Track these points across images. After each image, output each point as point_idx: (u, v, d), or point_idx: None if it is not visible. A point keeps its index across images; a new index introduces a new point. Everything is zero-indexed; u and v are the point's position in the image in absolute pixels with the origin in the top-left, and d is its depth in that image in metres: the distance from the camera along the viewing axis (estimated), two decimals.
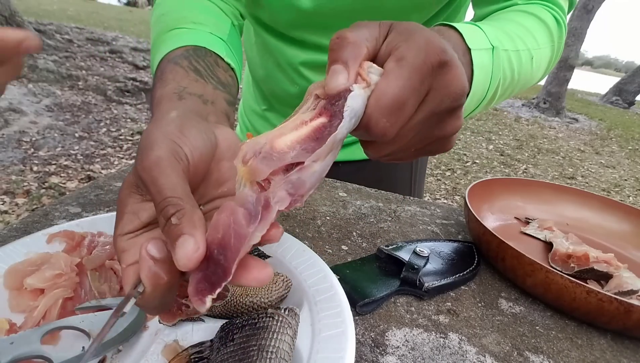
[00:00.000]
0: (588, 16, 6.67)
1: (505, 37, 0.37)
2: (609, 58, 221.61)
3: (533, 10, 0.44)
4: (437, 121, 0.25)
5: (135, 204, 0.25)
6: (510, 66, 0.37)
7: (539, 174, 3.77)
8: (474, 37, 0.33)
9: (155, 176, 0.22)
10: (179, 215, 0.21)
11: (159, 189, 0.22)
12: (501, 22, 0.41)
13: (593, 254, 0.51)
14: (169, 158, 0.23)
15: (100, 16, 11.02)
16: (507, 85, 0.38)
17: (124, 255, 0.24)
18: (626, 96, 9.36)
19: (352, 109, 0.21)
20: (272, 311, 0.31)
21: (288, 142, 0.20)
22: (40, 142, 2.55)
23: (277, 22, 0.60)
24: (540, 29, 0.42)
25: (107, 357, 0.30)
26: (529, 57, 0.39)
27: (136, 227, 0.25)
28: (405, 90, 0.21)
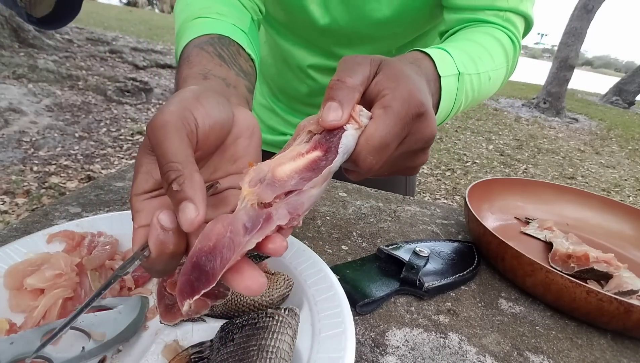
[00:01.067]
0: (588, 16, 6.67)
1: (469, 62, 0.42)
2: (609, 58, 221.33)
3: (492, 33, 0.48)
4: (409, 156, 0.30)
5: (149, 163, 0.26)
6: (471, 87, 0.42)
7: (539, 174, 3.77)
8: (444, 64, 0.37)
9: (160, 139, 0.23)
10: (179, 181, 0.22)
11: (162, 152, 0.23)
12: (466, 44, 0.45)
13: (593, 254, 0.51)
14: (176, 122, 0.24)
15: (100, 16, 11.02)
16: (467, 103, 0.44)
17: (137, 216, 0.25)
18: (626, 96, 9.36)
19: (346, 146, 0.25)
20: (272, 311, 0.31)
21: (288, 171, 0.24)
22: (40, 142, 2.55)
23: (290, 22, 0.62)
24: (498, 50, 0.47)
25: (107, 357, 0.30)
26: (487, 78, 0.45)
27: (151, 186, 0.25)
28: (390, 135, 0.26)
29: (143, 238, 0.24)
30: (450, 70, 0.38)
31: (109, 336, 0.30)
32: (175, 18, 0.48)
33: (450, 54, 0.39)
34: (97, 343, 0.29)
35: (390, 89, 0.27)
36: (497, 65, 0.47)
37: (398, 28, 0.58)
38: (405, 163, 0.31)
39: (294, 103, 0.75)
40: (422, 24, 0.59)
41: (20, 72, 3.68)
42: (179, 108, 0.25)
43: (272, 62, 0.72)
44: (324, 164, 0.24)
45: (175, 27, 0.46)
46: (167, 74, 5.05)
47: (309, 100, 0.72)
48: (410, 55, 0.37)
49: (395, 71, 0.28)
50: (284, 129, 0.79)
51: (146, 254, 0.23)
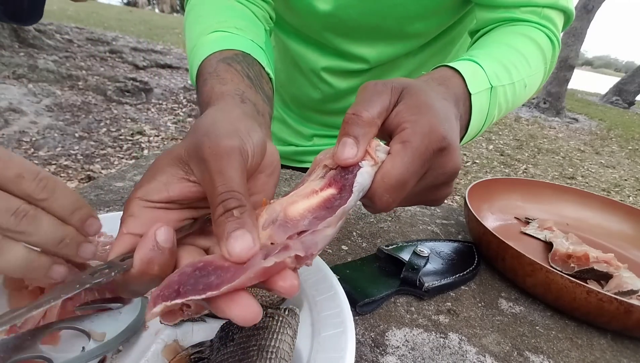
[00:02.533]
0: (588, 16, 6.67)
1: (502, 71, 0.39)
2: (609, 58, 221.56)
3: (529, 33, 0.46)
4: (431, 190, 0.28)
5: (172, 176, 0.24)
6: (505, 99, 0.40)
7: (539, 174, 3.77)
8: (476, 80, 0.35)
9: (225, 166, 0.22)
10: (241, 210, 0.21)
11: (225, 180, 0.22)
12: (500, 50, 0.43)
13: (593, 254, 0.51)
14: (239, 153, 0.23)
15: (100, 16, 11.02)
16: (501, 114, 0.42)
17: (130, 220, 0.23)
18: (626, 96, 9.36)
19: (361, 184, 0.23)
20: (272, 311, 0.31)
21: (301, 210, 0.23)
22: (40, 142, 2.55)
23: (301, 25, 0.60)
24: (535, 53, 0.45)
25: (107, 357, 0.30)
26: (523, 86, 0.42)
27: (161, 199, 0.24)
28: (408, 172, 0.24)
29: (127, 247, 0.22)
30: (481, 85, 0.36)
31: (109, 336, 0.30)
32: (185, 30, 0.45)
33: (482, 66, 0.37)
34: (97, 343, 0.29)
35: (410, 122, 0.25)
36: (534, 70, 0.44)
37: (419, 22, 0.55)
38: (427, 196, 0.29)
39: (306, 111, 0.72)
40: (446, 16, 0.56)
41: (20, 72, 3.68)
42: (239, 138, 0.24)
43: (283, 67, 0.69)
44: (339, 203, 0.23)
45: (188, 39, 0.44)
46: (167, 74, 5.05)
47: (322, 107, 0.69)
48: (438, 73, 0.35)
49: (418, 101, 0.26)
50: (294, 140, 0.77)
51: (125, 267, 0.21)
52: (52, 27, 5.88)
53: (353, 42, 0.58)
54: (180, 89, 4.43)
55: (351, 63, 0.61)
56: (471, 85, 0.34)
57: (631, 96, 9.30)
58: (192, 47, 0.41)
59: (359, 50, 0.59)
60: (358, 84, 0.63)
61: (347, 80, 0.63)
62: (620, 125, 6.97)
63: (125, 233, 0.23)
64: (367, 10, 0.53)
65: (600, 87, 14.87)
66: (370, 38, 0.57)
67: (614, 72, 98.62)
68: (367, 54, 0.59)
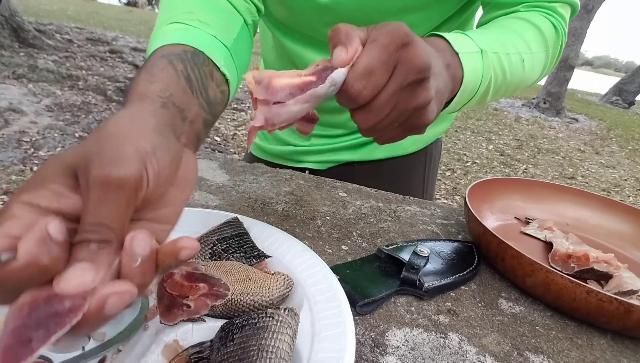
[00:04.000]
0: (588, 16, 6.66)
1: (493, 42, 0.41)
2: (609, 58, 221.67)
3: (528, 17, 0.47)
4: (409, 93, 0.30)
5: (65, 187, 0.21)
6: (500, 66, 0.41)
7: (539, 174, 3.77)
8: (461, 43, 0.37)
9: (105, 198, 0.20)
10: (102, 246, 0.20)
11: (99, 212, 0.20)
12: (492, 29, 0.45)
13: (593, 254, 0.51)
14: (129, 185, 0.21)
15: (100, 16, 11.02)
16: (499, 83, 0.43)
17: (8, 222, 0.19)
18: (626, 96, 9.36)
19: (334, 79, 0.28)
20: (272, 311, 0.31)
21: (282, 83, 0.28)
22: (40, 142, 2.55)
23: (296, 22, 0.60)
24: (533, 34, 0.45)
25: (107, 357, 0.30)
26: (520, 60, 0.43)
27: (49, 208, 0.21)
28: (374, 60, 0.28)
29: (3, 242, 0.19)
30: (469, 48, 0.38)
31: (109, 336, 0.30)
32: (158, 14, 0.43)
33: (469, 36, 0.39)
34: (97, 343, 0.29)
35: (378, 29, 0.29)
36: (533, 48, 0.45)
37: (416, 14, 0.54)
38: (406, 102, 0.30)
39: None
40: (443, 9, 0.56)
41: (20, 72, 3.68)
42: (137, 163, 0.22)
43: (280, 67, 0.69)
44: (312, 87, 0.28)
45: (155, 25, 0.41)
46: None
47: (320, 106, 0.68)
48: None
49: (388, 22, 0.30)
50: (292, 140, 0.76)
51: (2, 259, 0.18)
52: (52, 27, 5.89)
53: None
54: None
55: None
56: (456, 45, 0.37)
57: (631, 96, 9.30)
58: (151, 37, 0.39)
59: None
60: None
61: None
62: (620, 125, 6.97)
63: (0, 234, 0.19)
64: (364, 3, 0.53)
65: (600, 87, 14.87)
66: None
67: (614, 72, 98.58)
68: None
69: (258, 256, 0.40)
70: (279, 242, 0.44)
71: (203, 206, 0.54)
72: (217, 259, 0.39)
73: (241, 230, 0.43)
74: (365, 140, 0.72)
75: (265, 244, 0.43)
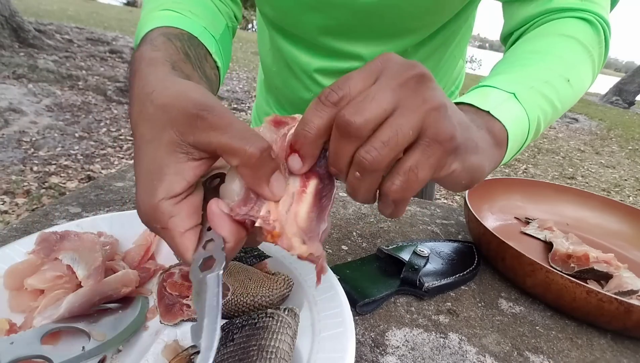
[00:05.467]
0: None
1: (524, 77, 0.37)
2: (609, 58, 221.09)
3: (559, 30, 0.42)
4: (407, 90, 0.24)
5: (179, 164, 0.24)
6: (544, 97, 0.37)
7: (539, 174, 3.77)
8: (486, 99, 0.33)
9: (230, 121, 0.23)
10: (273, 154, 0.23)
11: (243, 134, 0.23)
12: (519, 60, 0.40)
13: (593, 254, 0.51)
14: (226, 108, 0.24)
15: (100, 16, 11.02)
16: (551, 114, 0.38)
17: (174, 221, 0.23)
18: (626, 96, 9.36)
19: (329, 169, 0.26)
20: (272, 311, 0.31)
21: (305, 216, 0.24)
22: (40, 142, 2.55)
23: (288, 23, 0.60)
24: (570, 46, 0.41)
25: (107, 357, 0.30)
26: (564, 80, 0.39)
27: (183, 188, 0.24)
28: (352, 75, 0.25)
29: (194, 241, 0.24)
30: (496, 100, 0.33)
31: (109, 336, 0.30)
32: (142, 8, 0.43)
33: (492, 85, 0.35)
34: (97, 343, 0.29)
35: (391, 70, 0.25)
36: (574, 62, 0.41)
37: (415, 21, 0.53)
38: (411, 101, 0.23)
39: (301, 113, 0.72)
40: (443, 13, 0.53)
41: (20, 72, 3.68)
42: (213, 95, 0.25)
43: (277, 70, 0.68)
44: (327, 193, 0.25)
45: (141, 15, 0.41)
46: None
47: None
48: None
49: None
50: None
51: (223, 246, 0.23)
52: (52, 27, 5.88)
53: (347, 41, 0.57)
54: None
55: (344, 63, 0.60)
56: (482, 103, 0.32)
57: (631, 96, 9.31)
58: (139, 23, 0.39)
59: (351, 48, 0.58)
60: None
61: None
62: (620, 125, 6.97)
63: (183, 232, 0.24)
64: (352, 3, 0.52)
65: (600, 87, 14.87)
66: (365, 37, 0.57)
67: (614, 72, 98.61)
68: (362, 52, 0.58)
69: (258, 256, 0.40)
70: None
71: None
72: None
73: None
74: None
75: (265, 244, 0.43)
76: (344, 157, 0.23)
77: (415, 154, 0.23)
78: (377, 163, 0.23)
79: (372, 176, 0.23)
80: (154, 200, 0.24)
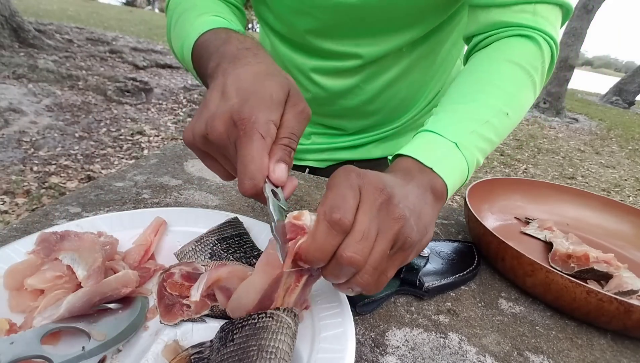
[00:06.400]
0: (588, 16, 6.67)
1: (467, 120, 0.40)
2: (609, 58, 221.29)
3: (503, 53, 0.45)
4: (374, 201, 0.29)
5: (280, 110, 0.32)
6: (484, 138, 0.40)
7: (539, 174, 3.77)
8: (430, 151, 0.37)
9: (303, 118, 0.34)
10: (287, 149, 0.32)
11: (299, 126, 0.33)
12: (461, 98, 0.43)
13: (593, 254, 0.51)
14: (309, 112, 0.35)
15: (100, 16, 11.02)
16: (489, 150, 0.42)
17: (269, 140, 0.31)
18: (626, 96, 9.36)
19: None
20: (272, 311, 0.31)
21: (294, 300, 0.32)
22: (40, 142, 2.55)
23: (283, 28, 0.61)
24: (511, 74, 0.44)
25: (107, 357, 0.30)
26: (503, 115, 0.42)
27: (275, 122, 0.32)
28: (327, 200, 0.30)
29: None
30: (439, 151, 0.37)
31: (109, 336, 0.30)
32: (180, 15, 0.47)
33: (438, 133, 0.39)
34: (97, 343, 0.29)
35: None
36: (514, 92, 0.44)
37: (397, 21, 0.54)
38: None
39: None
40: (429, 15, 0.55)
41: (20, 72, 3.68)
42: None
43: None
44: (314, 278, 0.32)
45: (183, 19, 0.46)
46: (167, 74, 5.05)
47: (315, 109, 0.68)
48: (396, 166, 0.37)
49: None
50: None
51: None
52: (52, 27, 5.88)
53: (338, 41, 0.58)
54: (180, 89, 4.43)
55: (339, 61, 0.60)
56: (426, 159, 0.36)
57: (631, 96, 9.31)
58: (191, 21, 0.44)
59: (345, 48, 0.58)
60: (348, 86, 0.63)
61: (337, 80, 0.63)
62: (620, 125, 6.97)
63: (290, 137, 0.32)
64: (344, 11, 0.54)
65: (600, 87, 14.86)
66: (354, 37, 0.57)
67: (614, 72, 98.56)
68: (357, 51, 0.59)
69: (258, 256, 0.40)
70: None
71: (203, 206, 0.54)
72: (217, 259, 0.39)
73: (241, 230, 0.43)
74: (364, 141, 0.73)
75: (265, 244, 0.43)
76: (341, 277, 0.29)
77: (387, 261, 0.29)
78: (368, 285, 0.29)
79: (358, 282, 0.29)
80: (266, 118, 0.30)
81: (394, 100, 0.66)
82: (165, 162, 0.66)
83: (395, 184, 0.31)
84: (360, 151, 0.74)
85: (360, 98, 0.64)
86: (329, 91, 0.64)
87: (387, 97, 0.65)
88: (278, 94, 0.32)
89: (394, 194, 0.29)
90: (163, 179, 0.60)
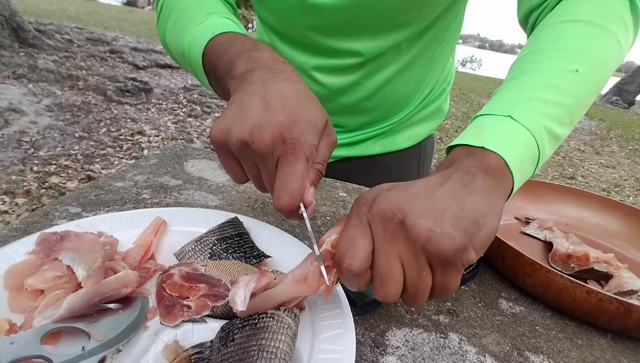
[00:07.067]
0: None
1: (521, 91, 0.36)
2: None
3: (561, 16, 0.41)
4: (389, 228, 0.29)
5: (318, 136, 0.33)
6: (549, 102, 0.35)
7: (538, 174, 3.77)
8: (479, 131, 0.33)
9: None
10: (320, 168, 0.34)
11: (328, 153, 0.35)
12: (515, 76, 0.38)
13: (593, 254, 0.51)
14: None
15: (100, 16, 11.02)
16: (568, 117, 0.36)
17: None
18: (626, 96, 9.36)
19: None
20: (272, 311, 0.31)
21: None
22: (40, 142, 2.55)
23: (283, 26, 0.61)
24: (570, 33, 0.39)
25: (107, 357, 0.30)
26: (571, 73, 0.36)
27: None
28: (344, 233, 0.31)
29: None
30: (490, 128, 0.33)
31: (109, 336, 0.30)
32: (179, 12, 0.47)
33: (487, 113, 0.35)
34: (97, 343, 0.29)
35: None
36: (577, 49, 0.37)
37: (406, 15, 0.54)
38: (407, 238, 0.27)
39: None
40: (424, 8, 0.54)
41: (20, 72, 3.68)
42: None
43: None
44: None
45: (179, 21, 0.46)
46: (167, 74, 5.04)
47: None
48: (440, 170, 0.32)
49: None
50: None
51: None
52: (52, 27, 5.88)
53: (339, 39, 0.58)
54: (180, 89, 4.43)
55: (340, 59, 0.61)
56: (475, 140, 0.32)
57: (631, 96, 9.30)
58: (199, 20, 0.44)
59: (346, 45, 0.58)
60: (348, 83, 0.63)
61: (338, 78, 0.63)
62: (620, 125, 6.97)
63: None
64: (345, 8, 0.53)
65: None
66: (356, 34, 0.57)
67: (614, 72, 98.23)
68: (357, 48, 0.59)
69: (258, 256, 0.40)
70: (279, 242, 0.44)
71: (203, 206, 0.54)
72: (217, 259, 0.39)
73: (241, 230, 0.43)
74: (362, 137, 0.73)
75: (265, 244, 0.43)
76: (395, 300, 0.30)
77: (438, 277, 0.28)
78: (421, 303, 0.30)
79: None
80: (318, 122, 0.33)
81: (392, 96, 0.67)
82: (165, 162, 0.66)
83: (416, 197, 0.28)
84: (359, 147, 0.74)
85: (359, 95, 0.64)
86: (330, 88, 0.64)
87: (385, 93, 0.65)
88: (321, 122, 0.33)
89: (410, 212, 0.27)
90: (163, 179, 0.60)
